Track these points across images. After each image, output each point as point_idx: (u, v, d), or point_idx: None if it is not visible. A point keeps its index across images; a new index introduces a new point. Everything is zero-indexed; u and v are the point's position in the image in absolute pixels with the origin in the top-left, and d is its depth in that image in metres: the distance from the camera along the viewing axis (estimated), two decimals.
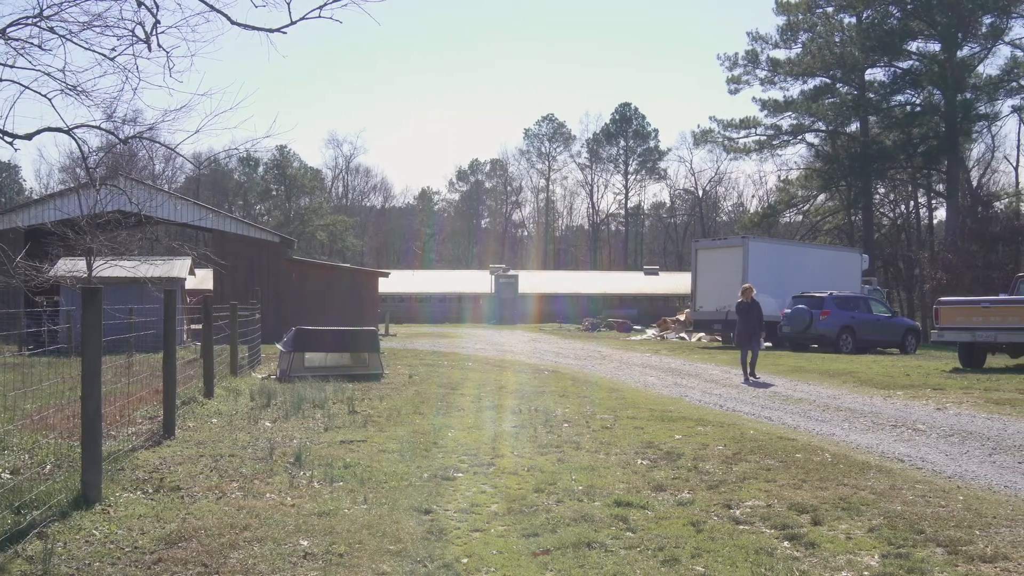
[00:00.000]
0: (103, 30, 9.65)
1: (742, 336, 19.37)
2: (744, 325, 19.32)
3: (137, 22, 9.52)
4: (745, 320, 19.30)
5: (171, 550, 5.68)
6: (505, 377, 18.17)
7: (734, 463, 8.89)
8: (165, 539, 5.89)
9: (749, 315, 19.26)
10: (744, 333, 19.28)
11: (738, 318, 19.72)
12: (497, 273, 64.85)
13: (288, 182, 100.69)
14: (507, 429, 10.92)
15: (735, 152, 67.50)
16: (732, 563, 5.67)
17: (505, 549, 5.93)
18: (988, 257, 43.14)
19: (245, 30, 9.42)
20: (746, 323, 19.26)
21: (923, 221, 69.33)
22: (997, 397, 15.27)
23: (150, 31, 9.40)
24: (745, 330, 19.25)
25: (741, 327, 19.49)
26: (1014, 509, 7.20)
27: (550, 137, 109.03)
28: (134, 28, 9.51)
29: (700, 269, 34.03)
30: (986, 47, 55.46)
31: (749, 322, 19.21)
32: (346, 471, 8.11)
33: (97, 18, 9.64)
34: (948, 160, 55.62)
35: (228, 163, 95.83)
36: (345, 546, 5.82)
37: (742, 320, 19.43)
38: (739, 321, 19.63)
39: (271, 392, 13.43)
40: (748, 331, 19.15)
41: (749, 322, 19.21)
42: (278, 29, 9.31)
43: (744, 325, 19.32)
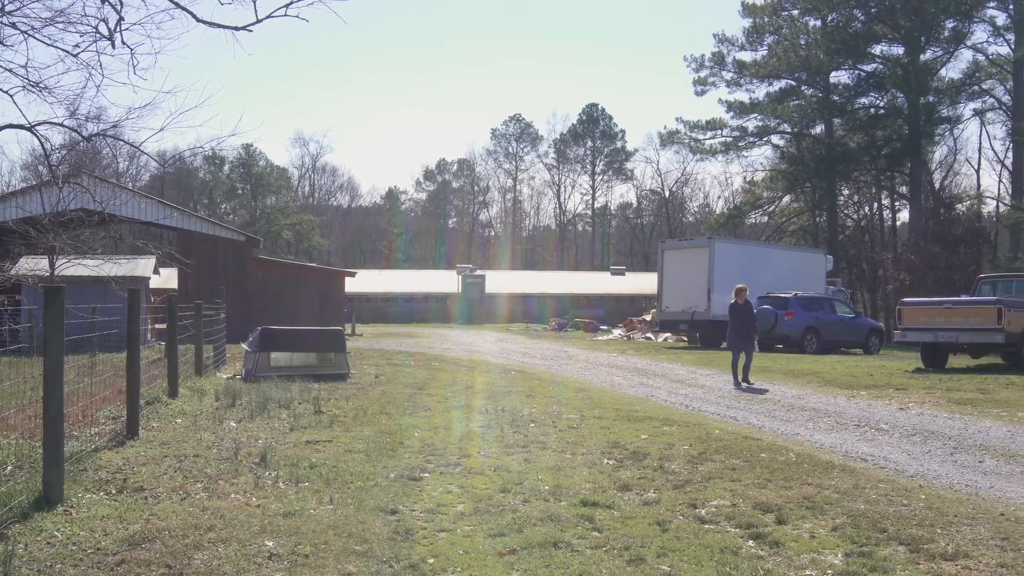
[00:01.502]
0: (66, 26, 9.57)
1: (735, 339, 18.49)
2: (737, 327, 18.47)
3: (100, 18, 9.43)
4: (738, 322, 18.47)
5: (134, 551, 5.63)
6: (472, 377, 18.16)
7: (699, 463, 8.94)
8: (128, 540, 5.84)
9: (743, 317, 18.48)
10: (737, 336, 18.44)
11: (730, 320, 18.78)
12: (464, 273, 64.79)
13: (254, 181, 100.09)
14: (474, 429, 10.91)
15: (701, 153, 67.83)
16: (697, 562, 5.70)
17: (471, 549, 5.93)
18: (950, 258, 43.60)
19: (211, 28, 9.35)
20: (739, 325, 18.44)
21: (887, 223, 69.95)
22: (958, 397, 15.46)
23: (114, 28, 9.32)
24: (739, 333, 18.42)
25: (734, 329, 18.57)
26: (975, 508, 7.29)
27: (517, 137, 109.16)
28: (97, 24, 9.42)
29: (666, 270, 34.16)
30: (948, 51, 56.09)
31: (743, 324, 18.42)
32: (312, 471, 8.08)
33: (60, 14, 9.55)
34: (911, 162, 56.17)
35: (193, 161, 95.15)
36: (310, 547, 5.80)
37: (735, 322, 18.54)
38: (731, 323, 18.68)
39: (236, 392, 13.35)
40: (742, 334, 18.37)
41: (743, 324, 18.42)
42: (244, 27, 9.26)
43: (737, 327, 18.47)
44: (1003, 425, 12.26)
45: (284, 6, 8.96)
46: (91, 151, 25.23)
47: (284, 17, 8.96)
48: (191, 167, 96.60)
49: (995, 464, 9.35)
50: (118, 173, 73.95)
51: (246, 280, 33.18)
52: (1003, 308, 20.15)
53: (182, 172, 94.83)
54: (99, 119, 13.62)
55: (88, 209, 22.16)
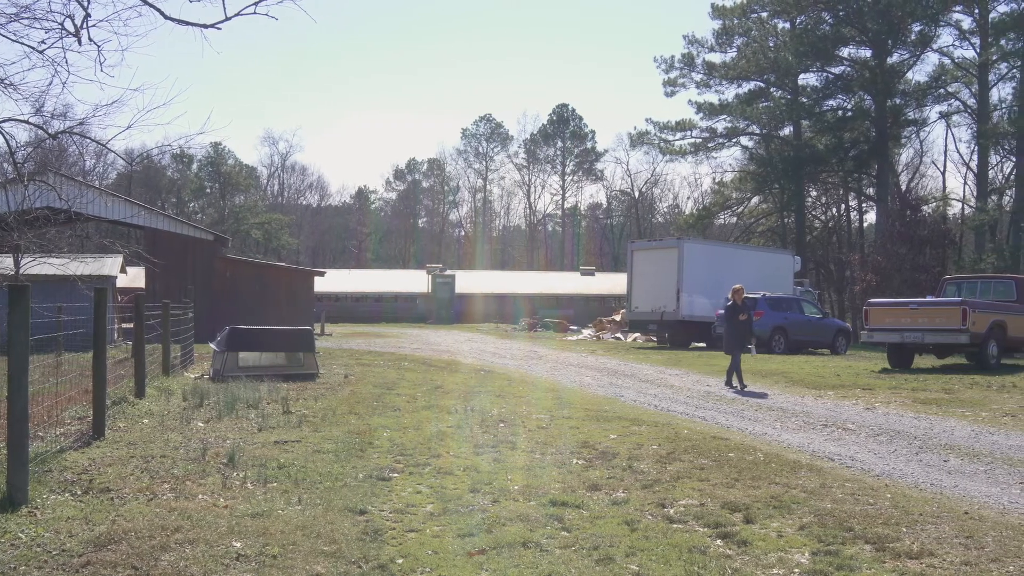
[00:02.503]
0: (31, 22, 9.45)
1: (732, 341, 17.82)
2: (733, 329, 17.87)
3: (67, 15, 9.32)
4: (734, 323, 17.84)
5: (100, 553, 5.58)
6: (441, 377, 18.13)
7: (668, 462, 8.97)
8: (94, 542, 5.79)
9: (739, 318, 17.82)
10: (733, 337, 17.79)
11: (726, 322, 18.19)
12: (434, 273, 64.69)
13: (222, 180, 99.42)
14: (443, 429, 10.90)
15: (671, 154, 68.06)
16: (666, 561, 5.72)
17: (440, 549, 5.92)
18: (916, 260, 44.00)
19: (179, 25, 9.28)
20: (736, 326, 17.83)
21: (854, 224, 70.49)
22: (924, 397, 15.61)
23: (80, 24, 9.22)
24: (735, 334, 17.79)
25: (730, 331, 17.95)
26: (939, 506, 7.36)
27: (487, 137, 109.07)
28: (63, 21, 9.31)
29: (636, 270, 34.26)
30: (915, 54, 56.62)
31: (739, 325, 17.80)
32: (280, 471, 8.04)
33: (25, 10, 9.43)
34: (878, 164, 56.63)
35: (161, 160, 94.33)
36: (279, 547, 5.77)
37: (731, 323, 17.93)
38: (727, 325, 18.10)
39: (204, 392, 13.26)
40: (738, 335, 17.75)
41: (739, 325, 17.80)
42: (212, 25, 9.18)
43: (733, 329, 17.87)
44: (967, 425, 12.39)
45: (253, 3, 8.90)
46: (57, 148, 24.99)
47: (253, 15, 8.89)
48: (159, 165, 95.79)
49: (960, 463, 9.45)
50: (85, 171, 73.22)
51: (214, 279, 32.96)
52: (968, 309, 20.35)
53: (150, 170, 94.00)
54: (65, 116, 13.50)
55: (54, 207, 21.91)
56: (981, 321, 20.67)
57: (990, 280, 25.34)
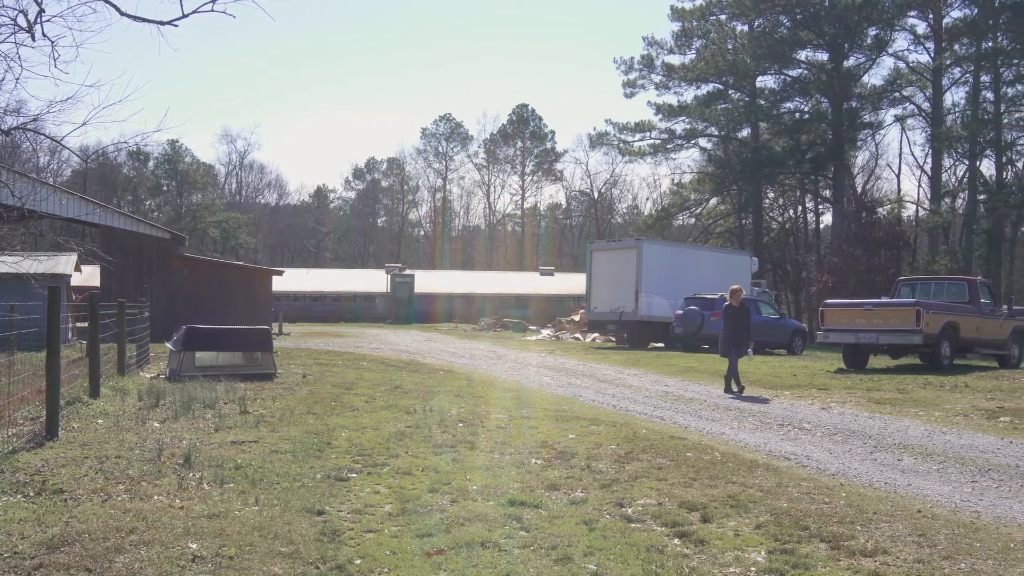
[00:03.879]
0: None
1: (728, 343, 17.04)
2: (731, 331, 17.06)
3: (19, 10, 9.17)
4: (732, 326, 17.07)
5: (53, 555, 5.51)
6: (400, 377, 18.08)
7: (626, 462, 9.01)
8: (47, 543, 5.71)
9: (737, 319, 17.08)
10: (730, 340, 17.00)
11: (723, 323, 17.34)
12: (393, 272, 64.50)
13: (179, 177, 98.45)
14: (402, 429, 10.86)
15: (630, 155, 68.20)
16: (624, 561, 5.74)
17: (399, 549, 5.91)
18: (871, 261, 44.48)
19: (135, 22, 9.16)
20: (733, 329, 17.05)
21: (810, 225, 71.13)
22: (878, 397, 15.80)
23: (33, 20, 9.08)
24: (732, 337, 17.00)
25: (728, 333, 17.12)
26: (893, 505, 7.45)
27: (447, 137, 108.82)
28: (16, 16, 9.17)
29: (595, 270, 34.36)
30: (871, 58, 57.25)
31: (737, 328, 17.04)
32: (237, 472, 7.98)
33: None
34: (834, 166, 57.18)
35: (117, 157, 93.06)
36: (235, 548, 5.73)
37: (729, 325, 17.12)
38: (725, 326, 17.26)
39: (160, 392, 13.13)
40: (735, 338, 16.95)
41: (737, 328, 17.04)
42: (169, 22, 9.08)
43: (731, 331, 17.06)
44: (921, 424, 12.56)
45: (211, 1, 8.82)
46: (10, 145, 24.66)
47: (211, 12, 8.80)
48: (114, 163, 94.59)
49: (913, 462, 9.57)
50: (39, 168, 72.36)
51: (171, 278, 32.63)
52: (921, 310, 20.62)
53: (105, 168, 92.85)
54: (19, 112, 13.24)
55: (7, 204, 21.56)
56: (934, 322, 20.95)
57: (943, 281, 25.71)
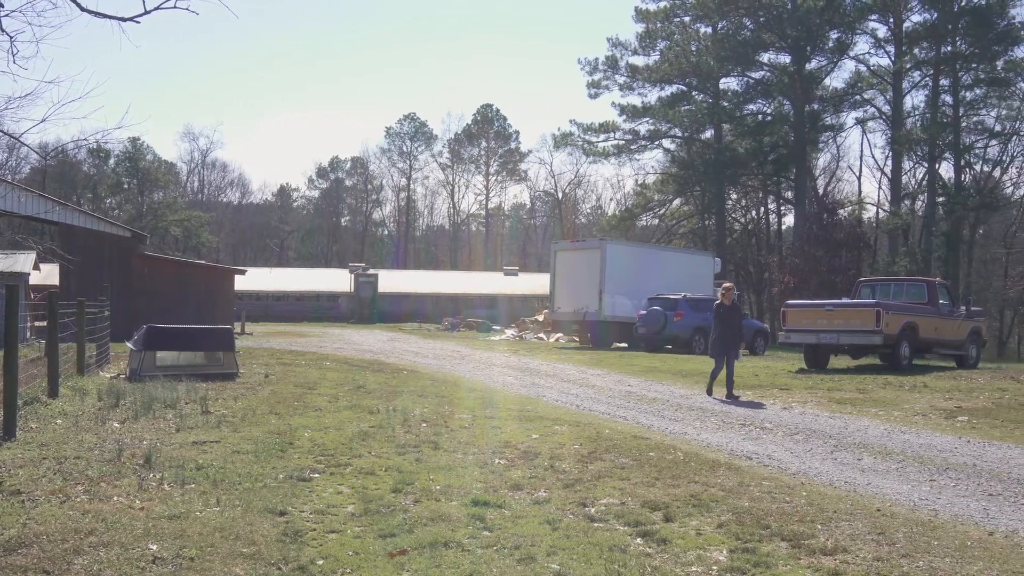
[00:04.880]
0: None
1: (719, 345, 16.50)
2: (722, 332, 16.46)
3: None
4: (723, 326, 16.46)
5: (10, 557, 5.44)
6: (364, 377, 18.01)
7: (590, 462, 9.03)
8: (3, 545, 5.64)
9: (729, 320, 16.45)
10: (721, 341, 16.46)
11: (714, 323, 16.77)
12: (357, 272, 64.22)
13: (141, 175, 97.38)
14: (365, 429, 10.83)
15: (594, 155, 68.34)
16: (587, 560, 5.76)
17: (361, 550, 5.89)
18: (832, 262, 44.89)
19: (96, 17, 9.07)
20: (724, 330, 16.45)
21: (773, 227, 71.63)
22: (839, 397, 15.95)
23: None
24: (723, 338, 16.44)
25: (718, 334, 16.51)
26: (853, 504, 7.53)
27: (412, 136, 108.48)
28: None
29: (559, 271, 34.42)
30: (832, 61, 57.81)
31: (728, 328, 16.43)
32: (198, 473, 7.92)
33: None
34: (796, 168, 57.65)
35: (77, 154, 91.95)
36: (196, 550, 5.68)
37: (720, 326, 16.51)
38: (716, 327, 16.66)
39: (120, 392, 13.00)
40: (727, 339, 16.40)
41: (728, 328, 16.43)
42: (131, 18, 8.99)
43: (722, 332, 16.46)
44: (880, 424, 12.70)
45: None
46: None
47: (173, 9, 8.73)
48: (74, 160, 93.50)
49: (873, 461, 9.68)
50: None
51: (132, 277, 32.31)
52: (881, 311, 20.84)
53: (65, 165, 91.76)
54: None
55: None
56: (894, 322, 21.17)
57: (903, 282, 26.05)
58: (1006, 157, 57.01)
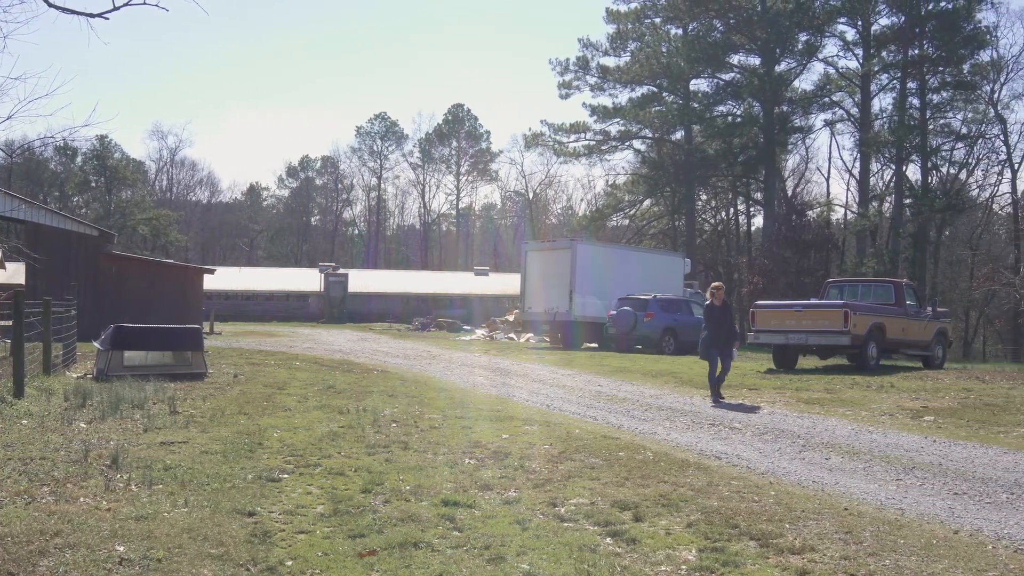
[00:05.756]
0: None
1: (709, 345, 15.90)
2: (713, 332, 15.89)
3: None
4: (714, 326, 15.91)
5: None
6: (333, 377, 17.95)
7: (560, 462, 9.05)
8: None
9: (720, 320, 15.94)
10: (713, 342, 15.86)
11: (705, 324, 16.18)
12: (327, 272, 63.96)
13: (108, 173, 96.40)
14: (335, 429, 10.80)
15: (565, 156, 68.28)
16: (556, 560, 5.77)
17: (331, 550, 5.87)
18: (801, 263, 45.15)
19: (64, 14, 9.00)
20: (715, 330, 15.89)
21: (742, 227, 71.95)
22: (807, 397, 16.04)
23: None
24: (714, 338, 15.86)
25: (709, 335, 15.90)
26: (820, 503, 7.58)
27: (382, 136, 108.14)
28: None
29: (529, 271, 34.41)
30: (802, 63, 58.07)
31: (719, 329, 15.90)
32: (166, 473, 7.87)
33: None
34: (765, 170, 57.91)
35: (43, 152, 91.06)
36: (164, 551, 5.65)
37: (711, 326, 15.94)
38: (706, 327, 16.05)
39: (87, 392, 12.88)
40: (718, 340, 15.85)
41: (719, 329, 15.90)
42: (99, 14, 8.94)
43: (713, 332, 15.89)
44: (848, 423, 12.79)
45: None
46: None
47: (143, 5, 8.69)
48: (41, 158, 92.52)
49: (840, 461, 9.75)
50: None
51: (99, 276, 32.03)
52: (849, 311, 20.97)
53: (31, 163, 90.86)
54: None
55: None
56: (861, 323, 21.32)
57: (871, 283, 26.24)
58: (972, 160, 57.64)
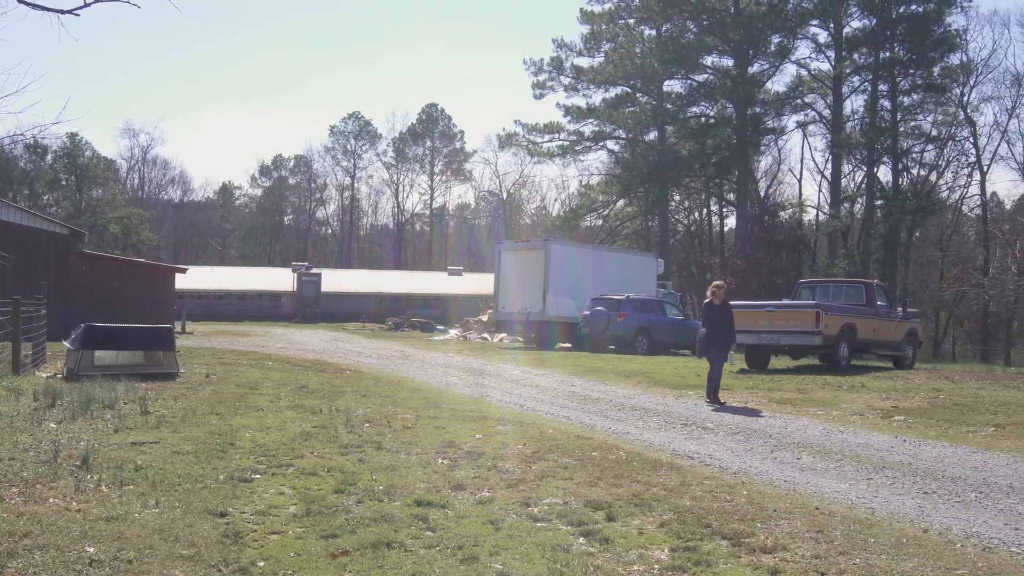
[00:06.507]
0: None
1: (708, 345, 15.68)
2: (712, 332, 15.59)
3: None
4: (713, 326, 15.59)
5: None
6: (306, 376, 17.89)
7: (533, 462, 9.05)
8: None
9: (720, 320, 15.57)
10: (712, 342, 15.61)
11: (704, 323, 15.87)
12: (300, 271, 63.73)
13: (79, 172, 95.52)
14: (308, 429, 10.76)
15: (539, 156, 68.41)
16: (529, 560, 5.77)
17: (303, 551, 5.85)
18: (773, 263, 45.44)
19: (33, 10, 8.91)
20: (714, 329, 15.58)
21: (715, 228, 72.31)
22: (779, 397, 16.13)
23: None
24: (713, 338, 15.58)
25: (708, 333, 15.63)
26: (792, 503, 7.63)
27: (356, 135, 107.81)
28: None
29: (503, 271, 34.40)
30: (774, 65, 58.50)
31: (718, 328, 15.56)
32: (137, 474, 7.82)
33: None
34: (738, 170, 58.24)
35: (13, 150, 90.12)
36: (135, 552, 5.61)
37: (709, 326, 15.63)
38: (705, 327, 15.76)
39: (57, 392, 12.77)
40: (717, 340, 15.55)
41: (718, 328, 15.56)
42: (70, 11, 8.85)
43: (712, 332, 15.59)
44: (819, 423, 12.87)
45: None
46: None
47: (114, 2, 8.61)
48: (10, 155, 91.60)
49: (812, 460, 9.81)
50: None
51: (70, 275, 31.77)
52: (821, 312, 21.09)
53: (0, 160, 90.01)
54: None
55: None
56: (833, 323, 21.44)
57: (842, 284, 26.41)
58: (942, 161, 58.14)
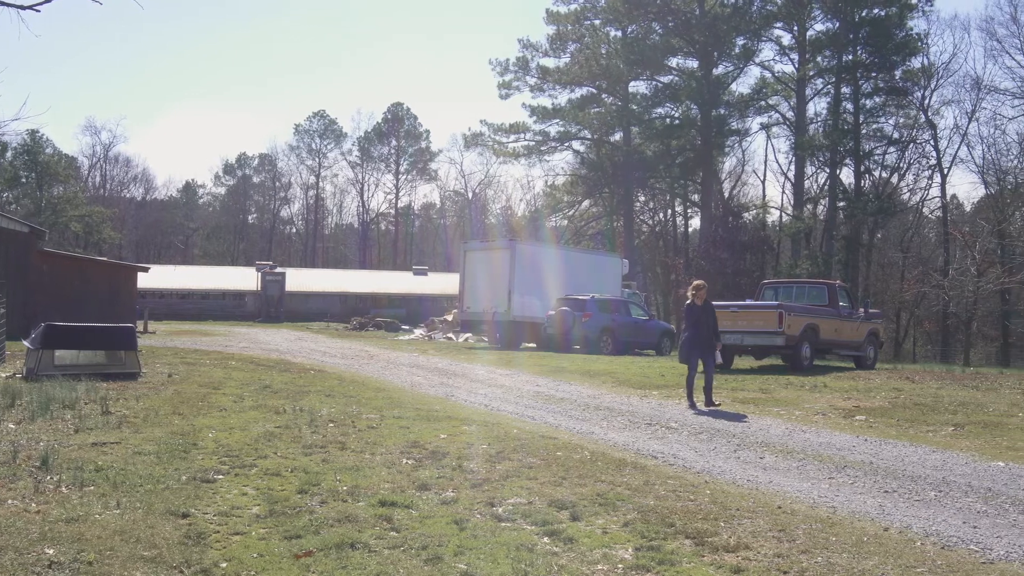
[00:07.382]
0: None
1: (691, 348, 15.15)
2: (695, 334, 15.07)
3: None
4: (696, 327, 15.07)
5: None
6: (270, 376, 17.79)
7: (497, 461, 9.06)
8: None
9: (701, 321, 15.06)
10: (694, 344, 15.09)
11: (686, 325, 15.42)
12: (264, 270, 63.36)
13: (40, 169, 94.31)
14: (271, 429, 10.71)
15: (504, 156, 68.39)
16: (494, 560, 5.78)
17: (266, 552, 5.83)
18: (737, 264, 45.73)
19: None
20: (697, 331, 15.05)
21: (680, 229, 72.66)
22: (743, 396, 16.23)
23: None
24: (696, 340, 15.06)
25: (691, 337, 15.12)
26: (755, 502, 7.68)
27: (321, 134, 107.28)
28: None
29: (468, 271, 34.37)
30: (739, 67, 58.86)
31: (702, 330, 15.05)
32: (98, 474, 7.74)
33: None
34: (703, 172, 58.55)
35: None
36: (95, 553, 5.56)
37: (692, 327, 15.12)
38: (688, 329, 15.28)
39: (16, 392, 12.62)
40: (700, 341, 15.03)
41: (702, 330, 15.05)
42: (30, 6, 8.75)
43: (695, 334, 15.07)
44: (782, 423, 12.97)
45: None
46: None
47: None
48: None
49: (774, 460, 9.88)
50: None
51: (30, 274, 31.39)
52: (783, 312, 21.24)
53: None
54: None
55: None
56: (795, 324, 21.60)
57: (805, 285, 26.61)
58: (903, 164, 58.61)
